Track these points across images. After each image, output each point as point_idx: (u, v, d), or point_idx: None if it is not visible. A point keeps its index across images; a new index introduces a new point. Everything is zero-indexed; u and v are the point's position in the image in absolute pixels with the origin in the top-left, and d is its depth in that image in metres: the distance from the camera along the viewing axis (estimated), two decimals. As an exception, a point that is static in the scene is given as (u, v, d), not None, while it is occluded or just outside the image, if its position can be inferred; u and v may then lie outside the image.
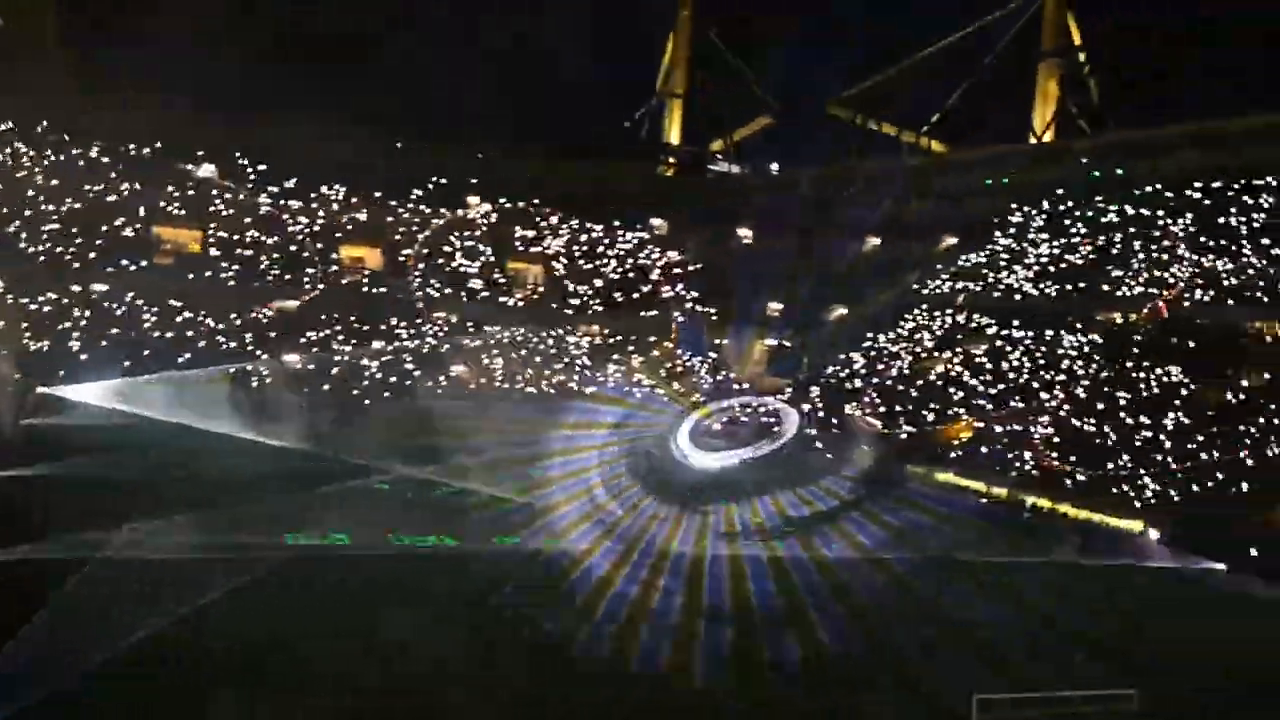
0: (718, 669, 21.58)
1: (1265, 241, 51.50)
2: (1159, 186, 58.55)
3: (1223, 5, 67.12)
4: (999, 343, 56.92)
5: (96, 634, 20.12)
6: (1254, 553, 35.25)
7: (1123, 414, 46.47)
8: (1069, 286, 58.28)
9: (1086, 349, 52.68)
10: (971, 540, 38.28)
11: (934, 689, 21.15)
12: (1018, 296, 59.89)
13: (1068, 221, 62.08)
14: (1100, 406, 47.72)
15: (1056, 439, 46.87)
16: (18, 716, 16.61)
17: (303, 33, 76.05)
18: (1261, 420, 42.27)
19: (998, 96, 78.66)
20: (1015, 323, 57.39)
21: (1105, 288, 56.59)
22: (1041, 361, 53.41)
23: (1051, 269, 60.10)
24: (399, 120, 70.70)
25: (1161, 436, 44.09)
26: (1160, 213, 57.23)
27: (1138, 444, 44.27)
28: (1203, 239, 54.20)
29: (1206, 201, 55.83)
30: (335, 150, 69.10)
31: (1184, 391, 46.77)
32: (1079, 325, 54.76)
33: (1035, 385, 51.63)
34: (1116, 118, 71.66)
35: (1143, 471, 42.16)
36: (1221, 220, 54.20)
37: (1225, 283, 51.79)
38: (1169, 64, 68.46)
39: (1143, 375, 48.52)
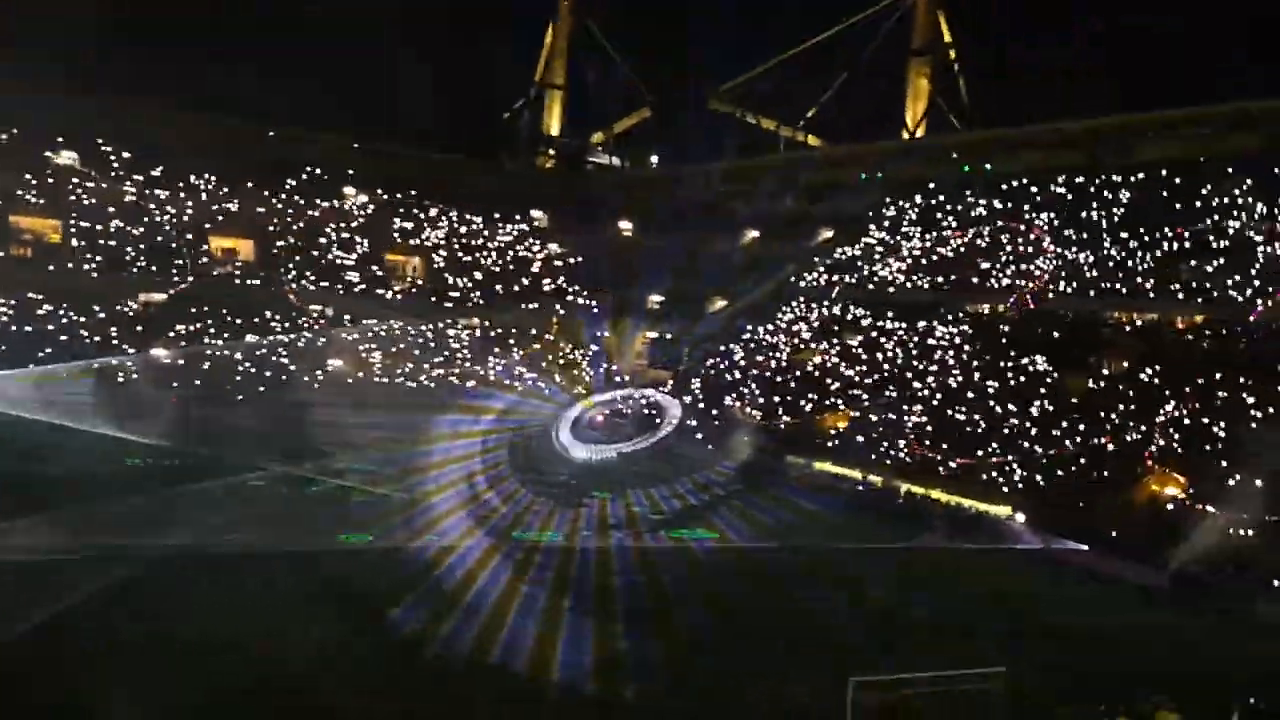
0: (590, 665, 21.55)
1: (1123, 234, 53.80)
2: (1024, 181, 60.69)
3: (1090, 6, 70.03)
4: (873, 334, 58.30)
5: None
6: (1114, 534, 36.84)
7: (991, 402, 48.00)
8: (940, 279, 60.04)
9: (957, 339, 54.30)
10: (847, 528, 39.14)
11: (811, 674, 21.50)
12: (891, 289, 61.46)
13: (938, 215, 63.91)
14: (970, 395, 49.21)
15: (929, 427, 48.20)
16: None
17: (175, 17, 73.79)
18: (1121, 406, 44.12)
19: (872, 93, 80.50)
20: (889, 314, 58.87)
21: (974, 280, 58.42)
22: (914, 352, 54.86)
23: (923, 262, 61.80)
24: (271, 110, 69.14)
25: (1027, 424, 45.67)
26: (1025, 207, 59.33)
27: (1005, 431, 45.79)
28: (1065, 232, 56.35)
29: (1069, 196, 58.07)
30: (205, 137, 67.27)
31: (1048, 380, 48.54)
32: (949, 316, 56.40)
33: (908, 375, 53.01)
34: (983, 114, 74.06)
35: (1010, 458, 43.66)
36: (1083, 214, 56.42)
37: (1086, 274, 53.92)
38: (1034, 62, 70.96)
39: (1009, 364, 50.21)
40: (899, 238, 64.79)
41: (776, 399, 55.30)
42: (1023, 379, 49.20)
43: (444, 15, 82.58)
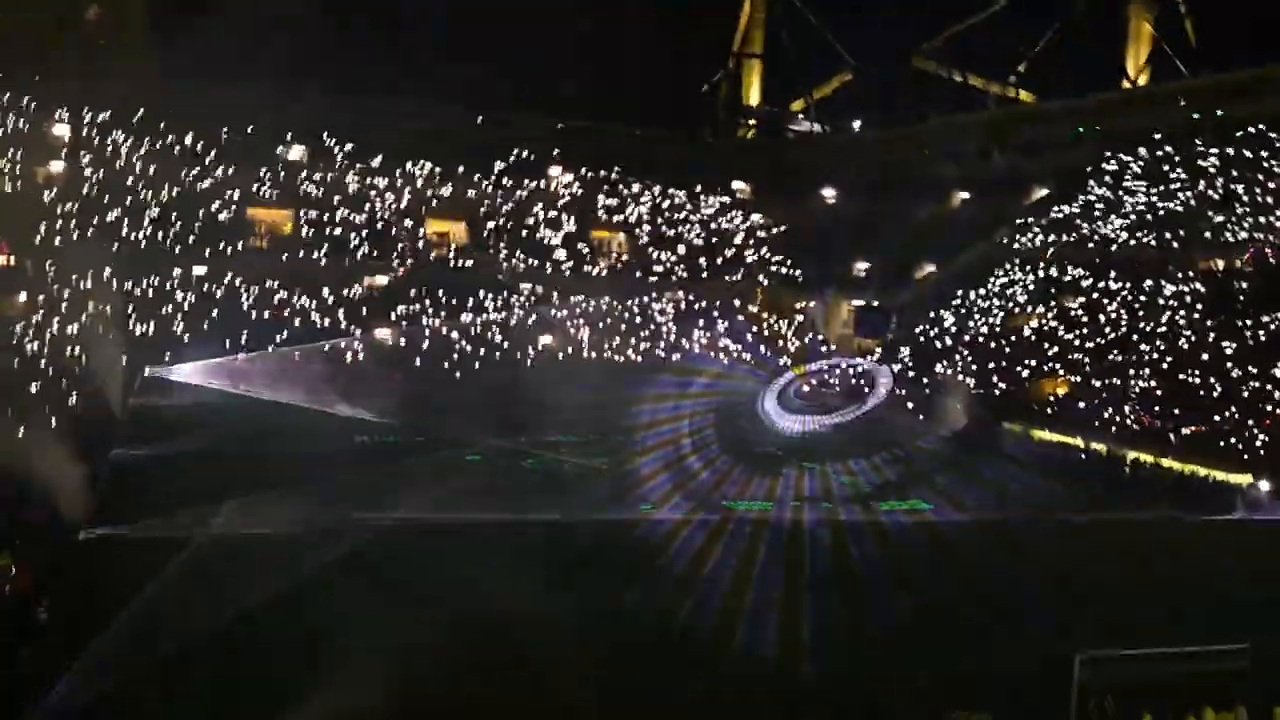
0: (810, 638, 21.36)
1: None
2: (1261, 127, 56.31)
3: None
4: (1095, 295, 55.47)
5: (202, 608, 20.64)
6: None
7: (1227, 364, 44.93)
8: (1168, 235, 56.53)
9: (1188, 298, 51.02)
10: (1069, 498, 37.51)
11: (1034, 649, 20.74)
12: (1114, 247, 58.28)
13: (1165, 168, 60.16)
14: (1203, 357, 46.20)
15: (1158, 392, 45.50)
16: (122, 690, 17.06)
17: (377, 10, 77.06)
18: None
19: (1088, 41, 76.22)
20: (1112, 274, 55.86)
21: (1206, 234, 54.78)
22: (1140, 313, 51.90)
23: (1149, 217, 58.34)
24: (476, 95, 71.39)
25: (1269, 386, 42.53)
26: (1264, 154, 55.07)
27: (1244, 395, 42.80)
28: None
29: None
30: (418, 126, 70.10)
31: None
32: (1179, 274, 53.06)
33: (1134, 337, 50.19)
34: (1215, 57, 68.94)
35: (1250, 422, 40.77)
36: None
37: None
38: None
39: (1248, 323, 46.84)
40: (1121, 193, 61.33)
41: (991, 365, 53.31)
42: (1263, 338, 45.81)
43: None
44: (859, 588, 25.33)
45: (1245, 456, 39.38)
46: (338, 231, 64.42)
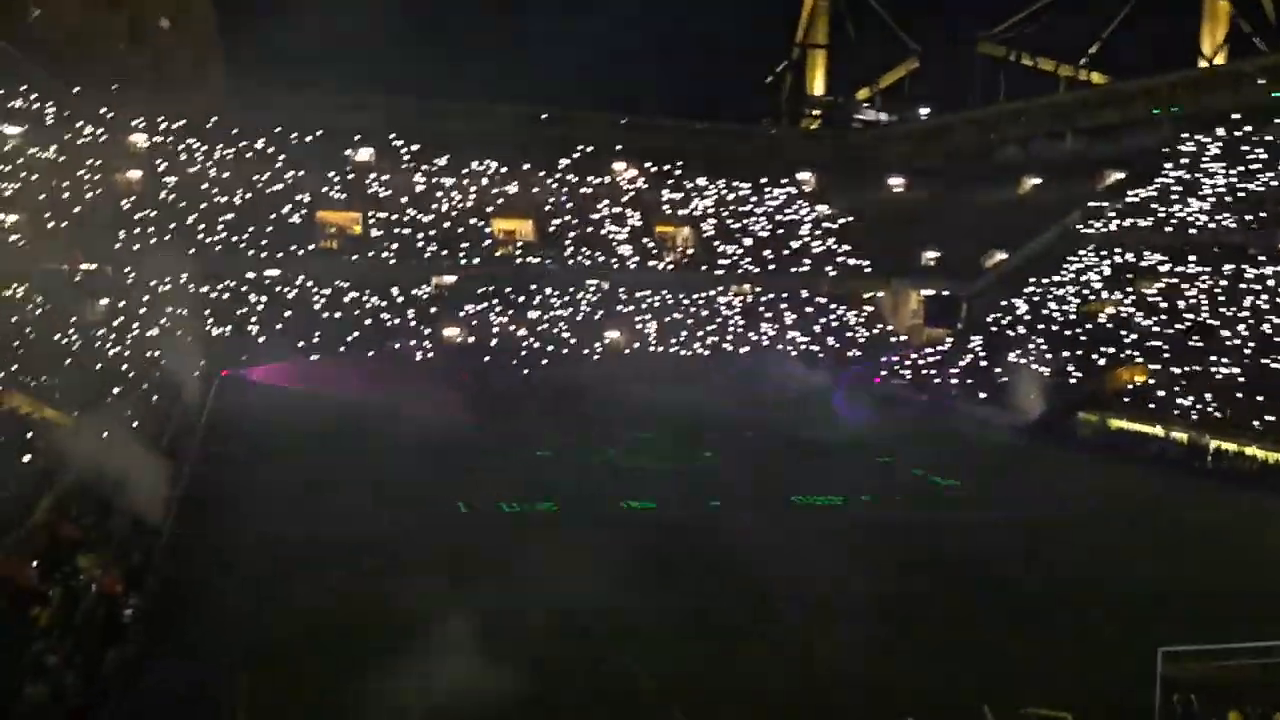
0: (892, 630, 21.16)
1: None
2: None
3: None
4: (1173, 280, 54.09)
5: (284, 606, 20.97)
6: None
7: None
8: (1249, 217, 54.95)
9: (1271, 281, 49.53)
10: (1150, 489, 36.73)
11: (1115, 643, 20.35)
12: (1192, 230, 56.80)
13: (1244, 148, 58.55)
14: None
15: (1241, 378, 44.18)
16: (207, 690, 17.32)
17: (441, 14, 78.04)
18: None
19: (1161, 20, 74.64)
20: (1191, 258, 54.43)
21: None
22: (1221, 298, 50.48)
23: (1229, 199, 56.78)
24: (541, 93, 72.10)
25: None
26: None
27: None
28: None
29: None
30: (482, 126, 70.92)
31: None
32: (1262, 257, 51.53)
33: (1215, 323, 48.81)
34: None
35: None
36: None
37: None
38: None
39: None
40: (1199, 175, 59.80)
41: (1065, 354, 52.09)
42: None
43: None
44: (927, 583, 24.95)
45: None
46: (405, 231, 65.25)
